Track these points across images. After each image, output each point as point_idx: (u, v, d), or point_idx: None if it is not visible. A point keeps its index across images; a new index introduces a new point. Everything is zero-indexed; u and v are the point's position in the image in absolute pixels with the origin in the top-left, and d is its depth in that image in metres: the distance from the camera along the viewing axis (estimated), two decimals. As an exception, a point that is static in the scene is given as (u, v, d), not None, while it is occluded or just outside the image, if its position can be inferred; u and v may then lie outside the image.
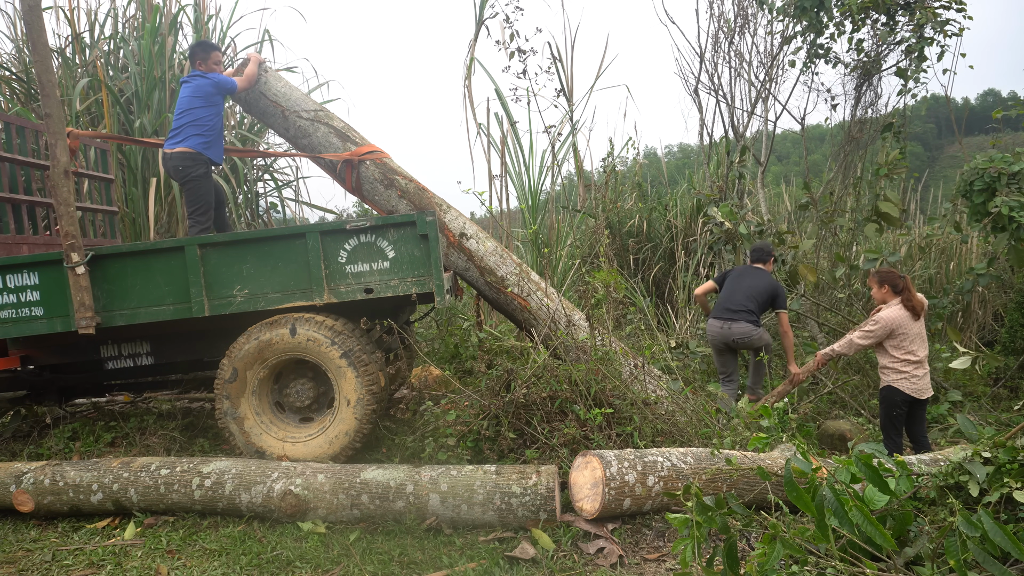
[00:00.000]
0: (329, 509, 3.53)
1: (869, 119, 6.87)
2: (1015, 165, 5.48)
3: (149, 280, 4.12)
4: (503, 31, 8.22)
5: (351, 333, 4.15)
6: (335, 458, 4.08)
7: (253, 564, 3.22)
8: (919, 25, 6.10)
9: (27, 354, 4.48)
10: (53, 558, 3.39)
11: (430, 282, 4.09)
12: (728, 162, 7.00)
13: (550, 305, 4.87)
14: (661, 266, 8.87)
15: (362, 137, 5.25)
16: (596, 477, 3.37)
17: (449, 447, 3.94)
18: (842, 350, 4.46)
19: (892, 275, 4.37)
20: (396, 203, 5.12)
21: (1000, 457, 2.64)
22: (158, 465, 3.81)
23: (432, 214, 4.07)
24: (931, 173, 13.35)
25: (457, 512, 3.43)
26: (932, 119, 32.64)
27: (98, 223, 6.09)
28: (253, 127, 8.67)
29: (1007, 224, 5.33)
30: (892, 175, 6.10)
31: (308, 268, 4.09)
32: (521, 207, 8.48)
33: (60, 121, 4.01)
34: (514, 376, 4.14)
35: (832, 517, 2.11)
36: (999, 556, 1.96)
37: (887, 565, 2.34)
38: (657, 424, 4.15)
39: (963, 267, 8.13)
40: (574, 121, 8.34)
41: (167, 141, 4.88)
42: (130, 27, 8.58)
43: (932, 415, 5.31)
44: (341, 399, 4.09)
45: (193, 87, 4.82)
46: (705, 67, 7.14)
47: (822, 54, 6.62)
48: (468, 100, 7.86)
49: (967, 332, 7.56)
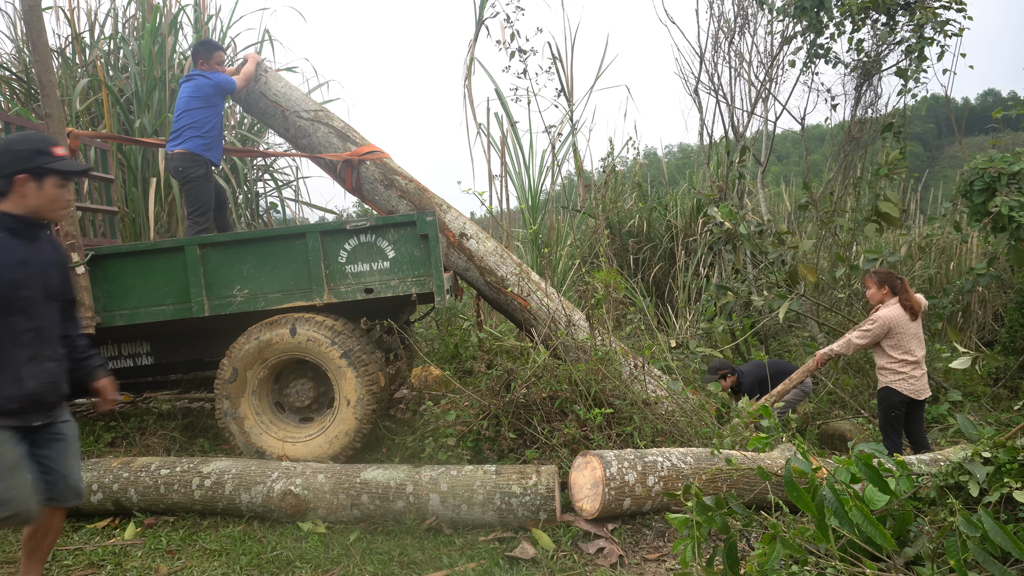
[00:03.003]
0: (329, 509, 3.53)
1: (869, 119, 6.86)
2: (1015, 165, 5.48)
3: (149, 280, 4.12)
4: (503, 31, 8.22)
5: (351, 333, 4.15)
6: (335, 458, 4.08)
7: (253, 564, 3.22)
8: (919, 25, 6.10)
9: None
10: (53, 558, 3.38)
11: (430, 282, 4.09)
12: (728, 162, 7.00)
13: (550, 305, 4.86)
14: (661, 266, 8.87)
15: (362, 137, 5.25)
16: (596, 477, 3.37)
17: (449, 447, 3.94)
18: (841, 350, 4.46)
19: (890, 276, 4.37)
20: (396, 203, 5.12)
21: (1000, 457, 2.64)
22: (158, 465, 3.81)
23: (432, 214, 4.07)
24: (931, 173, 13.34)
25: (457, 512, 3.43)
26: (932, 119, 32.64)
27: (98, 223, 6.09)
28: (253, 127, 8.66)
29: (1007, 224, 5.33)
30: (892, 175, 6.10)
31: (308, 268, 4.09)
32: (521, 207, 8.48)
33: (60, 121, 4.01)
34: (514, 376, 4.15)
35: (832, 517, 2.12)
36: (999, 556, 1.96)
37: (887, 565, 2.34)
38: (657, 424, 4.15)
39: (963, 267, 8.12)
40: (574, 121, 8.35)
41: (168, 142, 4.89)
42: (130, 27, 8.58)
43: (932, 415, 5.31)
44: (341, 399, 4.09)
45: (193, 87, 4.82)
46: (705, 67, 7.14)
47: (822, 54, 6.62)
48: (468, 100, 7.86)
49: (967, 332, 7.56)
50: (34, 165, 2.44)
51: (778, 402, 4.80)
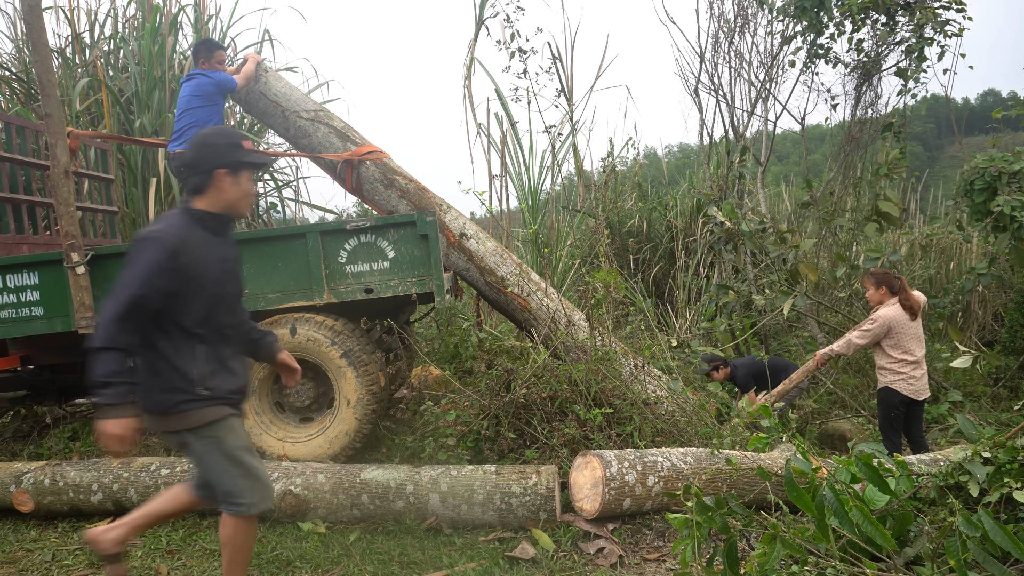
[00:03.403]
0: (329, 509, 3.53)
1: (869, 119, 6.86)
2: (1016, 164, 5.48)
3: (149, 280, 4.11)
4: (503, 31, 8.21)
5: (351, 333, 4.14)
6: (335, 458, 4.08)
7: (253, 564, 3.22)
8: (919, 25, 6.09)
9: (27, 354, 4.48)
10: (53, 558, 3.39)
11: (430, 282, 4.09)
12: (728, 162, 7.00)
13: (550, 305, 4.86)
14: (661, 266, 8.87)
15: (362, 137, 5.25)
16: (596, 477, 3.37)
17: (449, 447, 3.94)
18: (841, 350, 4.46)
19: (888, 276, 4.37)
20: (396, 203, 5.12)
21: (1000, 457, 2.63)
22: (158, 465, 3.81)
23: (432, 214, 4.07)
24: (931, 173, 13.35)
25: (457, 512, 3.43)
26: (932, 119, 32.65)
27: (98, 223, 6.09)
28: (253, 127, 8.66)
29: (1008, 224, 5.33)
30: (892, 175, 6.09)
31: (308, 268, 4.09)
32: (521, 207, 8.48)
33: (60, 121, 4.01)
34: (514, 376, 4.14)
35: (832, 517, 2.11)
36: (999, 556, 1.96)
37: (887, 565, 2.33)
38: (657, 424, 4.15)
39: (963, 267, 8.13)
40: (574, 121, 8.35)
41: (171, 142, 4.90)
42: (130, 27, 8.58)
43: (932, 415, 5.31)
44: (341, 399, 4.09)
45: (194, 86, 4.82)
46: (705, 67, 7.13)
47: (822, 54, 6.61)
48: (468, 100, 7.86)
49: (967, 332, 7.56)
50: (233, 159, 2.45)
51: (778, 402, 4.80)
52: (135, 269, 2.29)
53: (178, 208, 2.51)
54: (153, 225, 2.44)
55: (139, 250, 2.33)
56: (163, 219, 2.45)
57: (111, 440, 2.22)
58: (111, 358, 2.21)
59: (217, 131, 2.59)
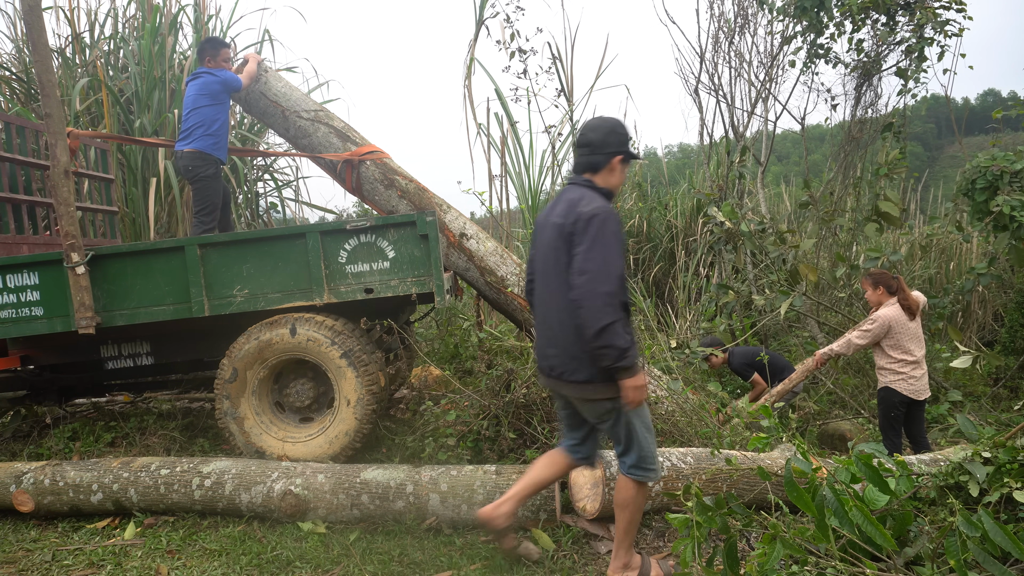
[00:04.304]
0: (329, 509, 3.53)
1: (869, 119, 6.86)
2: (1017, 164, 5.48)
3: (149, 280, 4.12)
4: (503, 31, 8.21)
5: (351, 333, 4.14)
6: (335, 458, 4.08)
7: (253, 564, 3.22)
8: (919, 25, 6.10)
9: (27, 354, 4.48)
10: (53, 558, 3.39)
11: (430, 282, 4.09)
12: (728, 162, 7.00)
13: (550, 305, 4.85)
14: (661, 266, 8.87)
15: (362, 137, 5.25)
16: (596, 477, 3.37)
17: (449, 447, 3.94)
18: (841, 350, 4.46)
19: (885, 276, 4.37)
20: (396, 203, 5.12)
21: (1000, 457, 2.63)
22: (158, 465, 3.81)
23: (432, 214, 4.07)
24: (931, 173, 13.34)
25: (457, 512, 3.43)
26: (932, 119, 32.66)
27: (98, 223, 6.09)
28: (253, 127, 8.67)
29: (1008, 223, 5.33)
30: (892, 175, 6.10)
31: (308, 268, 4.09)
32: (521, 207, 8.48)
33: (60, 121, 4.01)
34: (514, 376, 4.14)
35: (832, 517, 2.11)
36: (999, 556, 1.96)
37: (887, 565, 2.33)
38: (657, 424, 4.15)
39: (963, 267, 8.12)
40: (574, 121, 8.34)
41: (178, 141, 4.90)
42: (130, 27, 8.58)
43: (932, 415, 5.31)
44: (341, 399, 4.09)
45: (200, 84, 4.82)
46: (705, 67, 7.14)
47: (822, 54, 6.62)
48: (468, 100, 7.86)
49: (967, 332, 7.57)
50: (628, 150, 2.70)
51: (778, 402, 4.80)
52: (609, 245, 2.46)
53: (580, 185, 2.67)
54: (590, 203, 2.55)
55: (599, 227, 2.47)
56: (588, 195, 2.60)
57: (641, 392, 2.49)
58: (620, 328, 2.41)
59: (620, 122, 2.77)
